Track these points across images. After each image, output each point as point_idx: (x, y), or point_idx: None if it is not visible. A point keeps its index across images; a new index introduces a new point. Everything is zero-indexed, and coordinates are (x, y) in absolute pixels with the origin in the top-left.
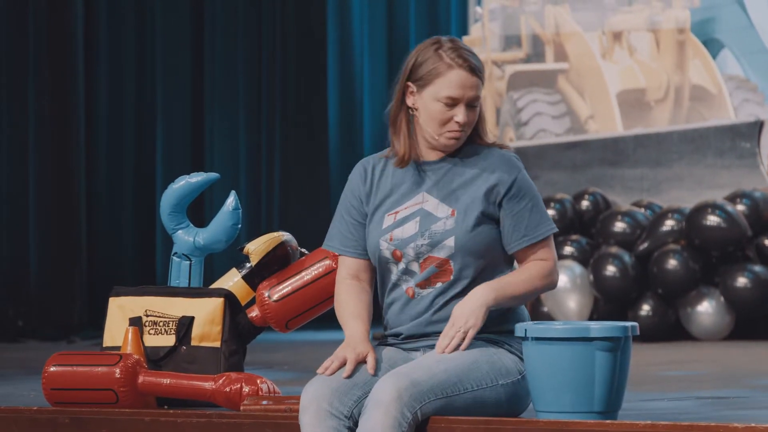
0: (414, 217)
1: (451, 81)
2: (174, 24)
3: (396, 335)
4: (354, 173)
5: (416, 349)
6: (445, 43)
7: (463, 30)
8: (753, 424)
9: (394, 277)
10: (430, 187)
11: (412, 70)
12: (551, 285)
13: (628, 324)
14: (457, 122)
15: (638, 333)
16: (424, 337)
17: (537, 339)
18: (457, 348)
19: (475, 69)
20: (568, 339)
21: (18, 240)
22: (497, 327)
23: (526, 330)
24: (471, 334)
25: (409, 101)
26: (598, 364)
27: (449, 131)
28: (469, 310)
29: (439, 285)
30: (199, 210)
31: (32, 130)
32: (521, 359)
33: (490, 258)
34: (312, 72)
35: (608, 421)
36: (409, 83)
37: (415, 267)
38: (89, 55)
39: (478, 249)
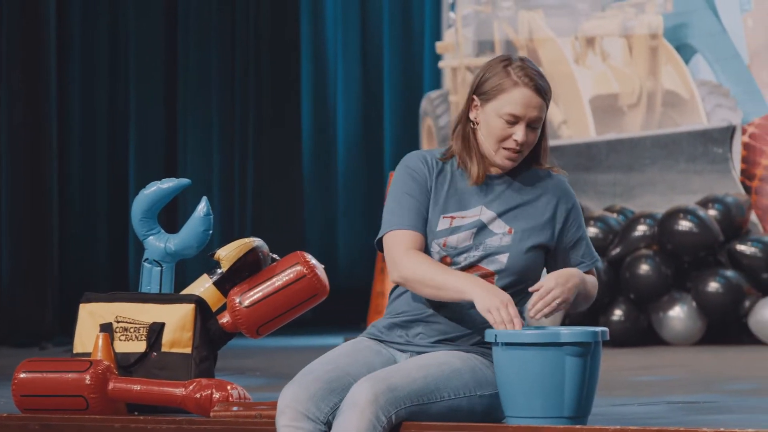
0: (470, 227)
1: (515, 98)
2: (147, 31)
3: (400, 314)
4: (412, 161)
5: (403, 351)
6: (514, 61)
7: (437, 36)
8: (722, 429)
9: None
10: (490, 201)
11: (478, 85)
12: (588, 306)
13: (598, 329)
14: (515, 140)
15: (608, 338)
16: (441, 324)
17: (507, 344)
18: (549, 315)
19: (540, 89)
20: (539, 344)
21: None
22: (479, 340)
23: (496, 335)
24: (561, 308)
25: (472, 115)
26: (568, 370)
27: (506, 149)
28: (567, 286)
29: None
30: (173, 216)
31: (4, 136)
32: None
33: (528, 283)
34: (285, 78)
35: (578, 426)
36: (474, 96)
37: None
38: (61, 61)
39: (525, 272)
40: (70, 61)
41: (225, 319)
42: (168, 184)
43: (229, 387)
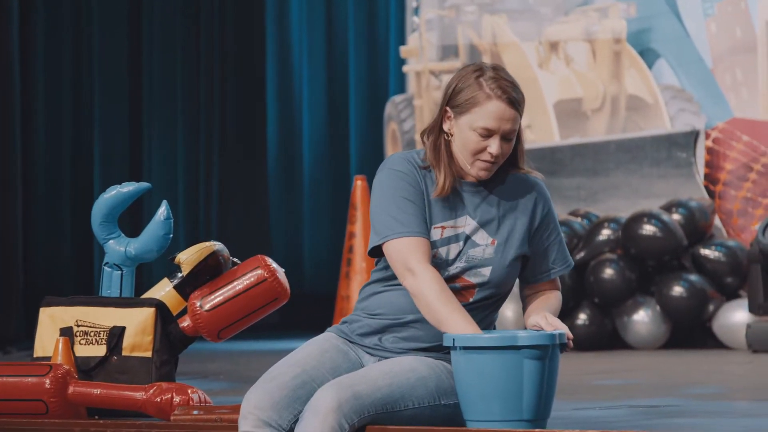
0: (458, 240)
1: (488, 112)
2: (112, 37)
3: (375, 315)
4: (403, 165)
5: (372, 355)
6: (486, 71)
7: (401, 40)
8: None
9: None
10: (472, 210)
11: (451, 96)
12: None
13: (556, 332)
14: (490, 153)
15: (566, 341)
16: (398, 326)
17: (465, 348)
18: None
19: (514, 102)
20: (496, 348)
21: None
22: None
23: (454, 339)
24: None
25: (446, 126)
26: (526, 373)
27: (481, 161)
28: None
29: None
30: (138, 220)
31: None
32: None
33: (507, 292)
34: (251, 82)
35: (537, 430)
36: (447, 108)
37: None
38: (25, 66)
39: (505, 283)
40: (35, 64)
41: (186, 323)
42: (128, 188)
43: (189, 391)
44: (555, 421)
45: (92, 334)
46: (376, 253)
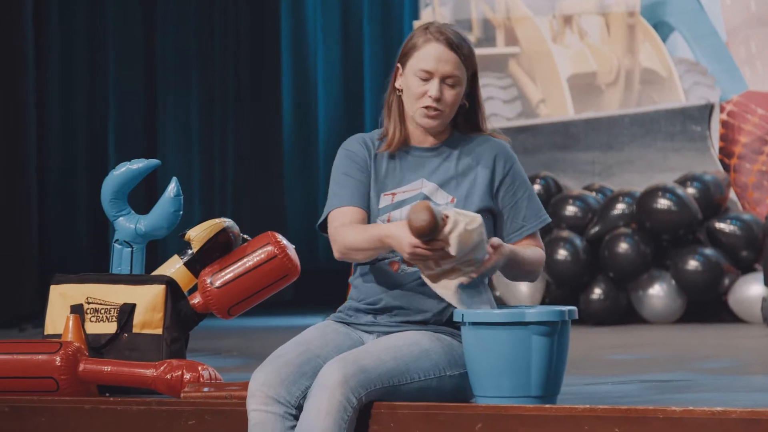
0: (413, 200)
1: (427, 53)
2: (126, 10)
3: (372, 304)
4: (352, 144)
5: (370, 332)
6: (434, 24)
7: (414, 14)
8: (691, 407)
9: (382, 255)
10: (429, 173)
11: (401, 52)
12: (539, 275)
13: (565, 308)
14: (430, 96)
15: (576, 317)
16: (403, 310)
17: (474, 324)
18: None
19: (452, 45)
20: (505, 324)
21: None
22: (449, 318)
23: (463, 315)
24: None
25: (397, 83)
26: (534, 349)
27: (424, 107)
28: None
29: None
30: (153, 197)
31: None
32: None
33: None
34: (266, 58)
35: (547, 405)
36: (398, 64)
37: None
38: (39, 43)
39: None
40: (49, 40)
41: (196, 299)
42: (138, 164)
43: (200, 368)
44: (565, 397)
45: (103, 311)
46: (325, 230)
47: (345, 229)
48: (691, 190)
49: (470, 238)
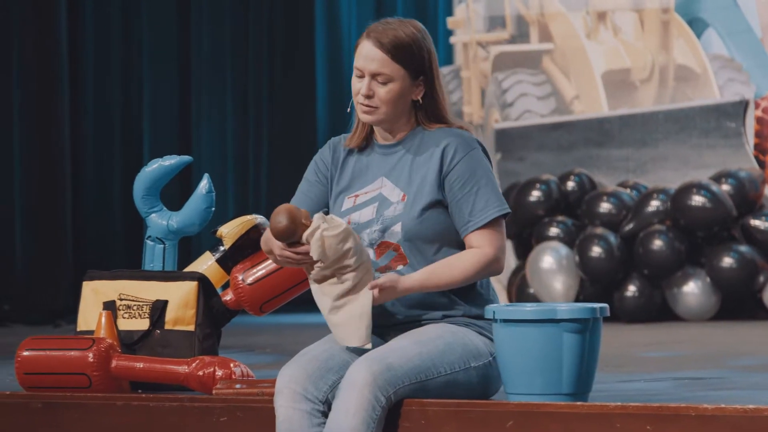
0: (373, 202)
1: (359, 52)
2: (160, 9)
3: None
4: (324, 149)
5: (386, 334)
6: (380, 21)
7: (448, 11)
8: (723, 405)
9: None
10: (389, 170)
11: None
12: (492, 273)
13: (597, 305)
14: (361, 94)
15: (608, 314)
16: (393, 326)
17: (505, 321)
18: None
19: (380, 43)
20: (536, 321)
21: (4, 224)
22: (467, 311)
23: (494, 312)
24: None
25: None
26: (566, 346)
27: (359, 104)
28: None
29: (400, 268)
30: (187, 194)
31: (17, 113)
32: (491, 340)
33: (443, 242)
34: (299, 55)
35: (578, 403)
36: None
37: (369, 251)
38: (73, 38)
39: (426, 235)
40: (83, 36)
41: (228, 296)
42: (170, 161)
43: (232, 364)
44: (597, 394)
45: (135, 307)
46: None
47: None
48: (725, 187)
49: (330, 244)
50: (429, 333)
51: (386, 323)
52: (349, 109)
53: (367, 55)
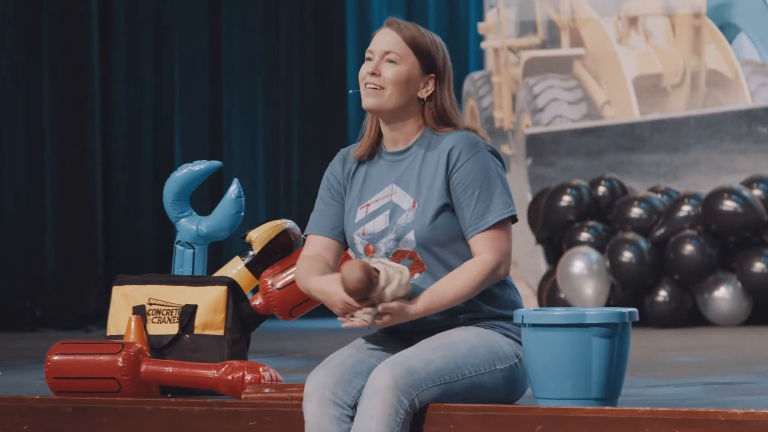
0: (384, 210)
1: (374, 38)
2: (192, 7)
3: (384, 332)
4: (333, 164)
5: (412, 340)
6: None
7: (479, 16)
8: (752, 410)
9: None
10: (398, 177)
11: None
12: (496, 280)
13: (626, 310)
14: (367, 71)
15: (637, 319)
16: (419, 333)
17: (534, 325)
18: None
19: (393, 25)
20: (565, 325)
21: (35, 229)
22: (490, 313)
23: (523, 316)
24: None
25: None
26: (595, 351)
27: (364, 86)
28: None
29: (416, 276)
30: (218, 199)
31: (47, 117)
32: (517, 342)
33: (458, 244)
34: (331, 58)
35: (607, 408)
36: None
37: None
38: (105, 44)
39: (439, 240)
40: (114, 46)
41: (257, 301)
42: (199, 166)
43: (261, 369)
44: (626, 399)
45: (164, 312)
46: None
47: (302, 264)
48: (757, 192)
49: (399, 293)
50: (453, 336)
51: (412, 330)
52: (351, 91)
53: (380, 36)
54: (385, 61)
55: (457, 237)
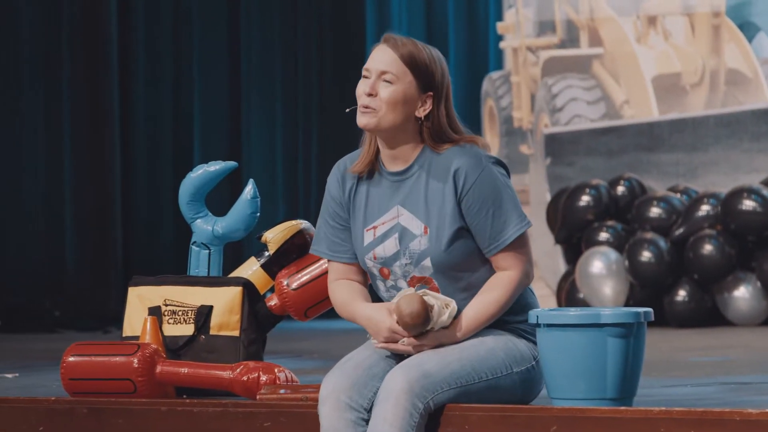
0: (393, 233)
1: (371, 55)
2: (210, 10)
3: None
4: (331, 178)
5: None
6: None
7: (498, 16)
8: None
9: (384, 294)
10: (403, 199)
11: None
12: (524, 288)
13: (641, 310)
14: (364, 93)
15: (652, 319)
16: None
17: (549, 325)
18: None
19: (391, 42)
20: (580, 325)
21: (55, 230)
22: (507, 315)
23: (538, 316)
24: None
25: None
26: (610, 351)
27: (360, 106)
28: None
29: None
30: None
31: (67, 118)
32: (534, 343)
33: (473, 267)
34: (350, 60)
35: (622, 408)
36: None
37: (403, 284)
38: (124, 39)
39: (456, 264)
40: (134, 45)
41: (273, 301)
42: (215, 167)
43: (276, 370)
44: (641, 399)
45: (180, 313)
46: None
47: (339, 290)
48: None
49: (445, 324)
50: (470, 338)
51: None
52: (347, 109)
53: (376, 55)
54: (382, 80)
55: (474, 257)
